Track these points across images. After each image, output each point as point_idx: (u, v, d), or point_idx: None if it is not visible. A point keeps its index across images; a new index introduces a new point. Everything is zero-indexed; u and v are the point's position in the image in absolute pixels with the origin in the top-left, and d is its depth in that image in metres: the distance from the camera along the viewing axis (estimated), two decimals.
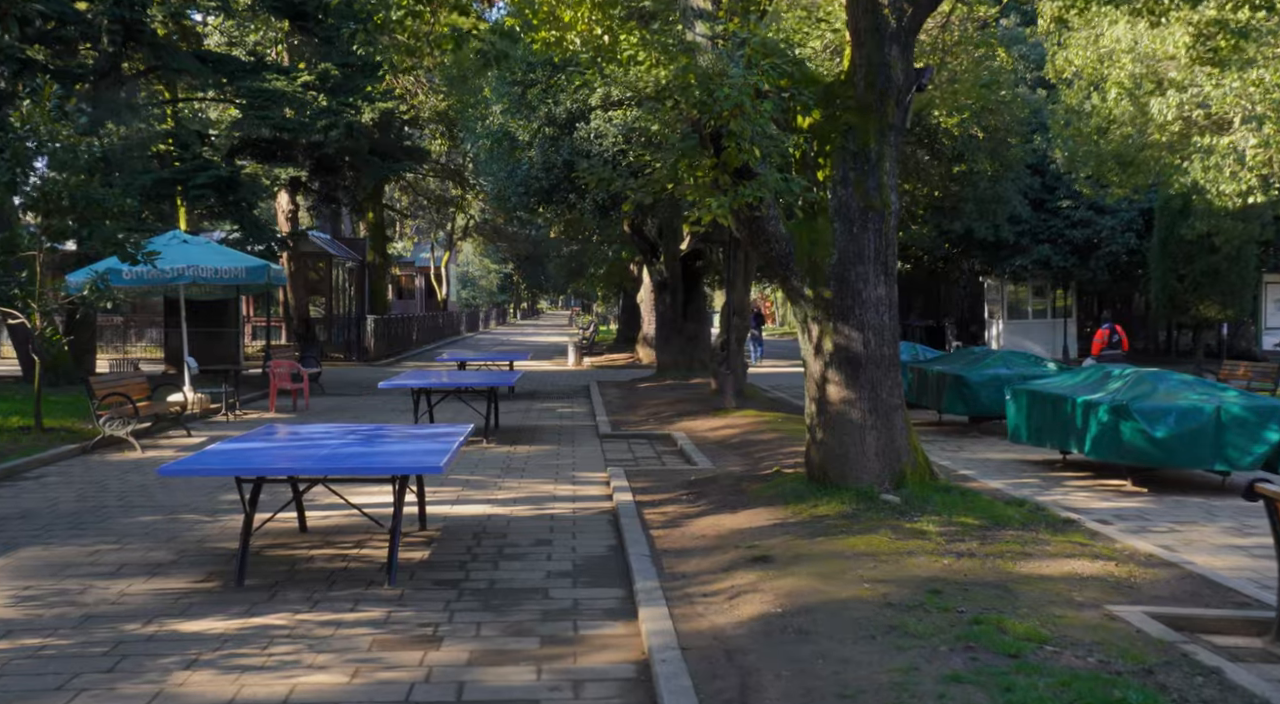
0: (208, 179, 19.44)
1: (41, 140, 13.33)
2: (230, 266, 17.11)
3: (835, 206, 9.00)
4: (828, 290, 8.99)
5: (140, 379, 14.66)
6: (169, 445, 13.93)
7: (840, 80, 9.17)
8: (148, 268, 15.45)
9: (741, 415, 15.82)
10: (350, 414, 17.95)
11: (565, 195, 15.09)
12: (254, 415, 17.63)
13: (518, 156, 15.34)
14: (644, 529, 8.54)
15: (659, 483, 10.78)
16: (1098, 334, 21.34)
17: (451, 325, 55.74)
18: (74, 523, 9.06)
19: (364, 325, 32.74)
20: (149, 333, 32.35)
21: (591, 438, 15.10)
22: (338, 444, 7.81)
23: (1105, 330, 21.09)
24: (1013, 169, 16.67)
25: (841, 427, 8.95)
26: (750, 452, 12.72)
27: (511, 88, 15.25)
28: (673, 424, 15.77)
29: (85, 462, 12.49)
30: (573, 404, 20.05)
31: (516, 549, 8.18)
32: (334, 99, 21.42)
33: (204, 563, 7.67)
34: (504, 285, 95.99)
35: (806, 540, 7.60)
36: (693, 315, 23.40)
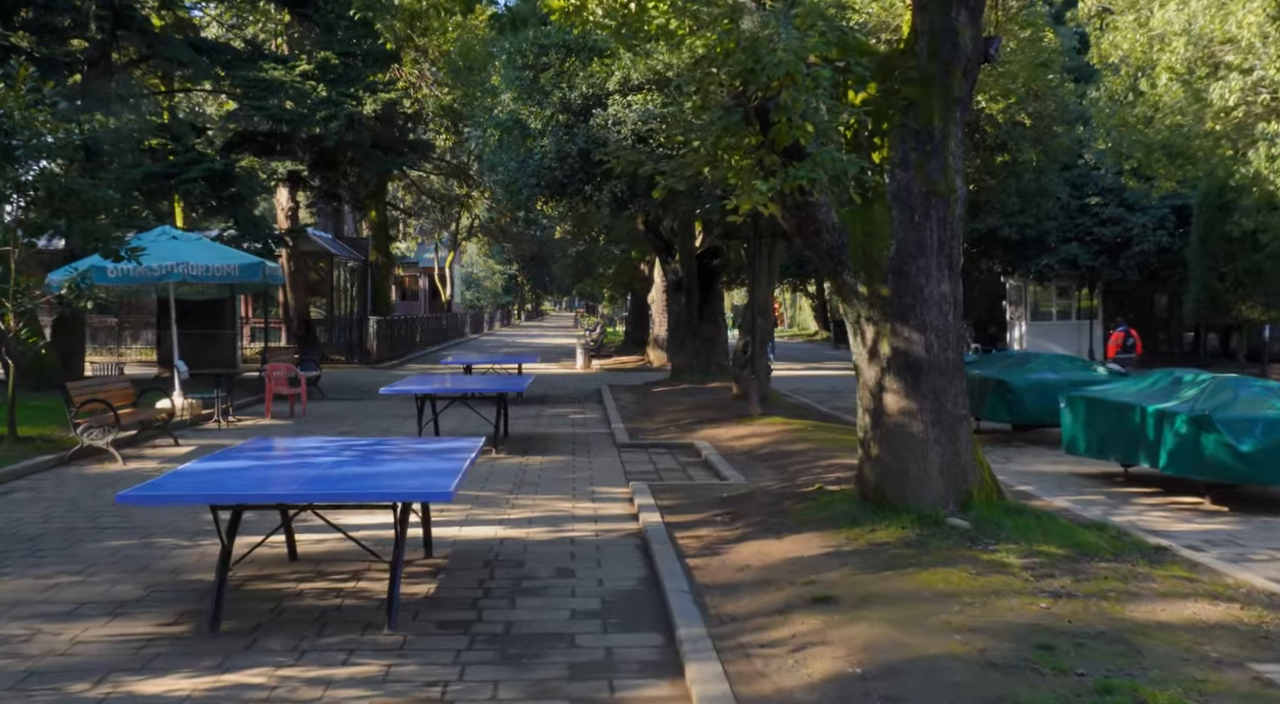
0: (200, 172, 18.44)
1: (15, 126, 12.32)
2: (222, 264, 16.11)
3: (894, 192, 7.98)
4: (884, 287, 7.97)
5: (124, 384, 13.65)
6: (154, 456, 12.92)
7: (898, 50, 8.15)
8: (133, 265, 14.46)
9: (768, 423, 14.79)
10: (350, 421, 16.95)
11: (580, 187, 14.07)
12: (249, 422, 16.63)
13: (529, 146, 14.31)
14: (679, 557, 7.51)
15: (688, 500, 9.76)
16: (1113, 337, 20.39)
17: (456, 327, 54.76)
18: (34, 548, 8.05)
19: (366, 327, 31.74)
20: (144, 334, 31.38)
21: (608, 447, 14.08)
22: (331, 462, 6.79)
23: (1120, 333, 20.15)
24: (1057, 160, 15.64)
25: (900, 440, 7.92)
26: (783, 464, 11.69)
27: (522, 73, 14.23)
28: (694, 432, 14.74)
29: (60, 475, 11.49)
30: (585, 409, 19.03)
31: (535, 582, 7.15)
32: (334, 89, 20.41)
33: (175, 600, 6.65)
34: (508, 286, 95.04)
35: (871, 575, 6.57)
36: (709, 316, 22.36)
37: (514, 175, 14.70)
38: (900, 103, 7.94)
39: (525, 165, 14.33)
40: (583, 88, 13.39)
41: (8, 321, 12.80)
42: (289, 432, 15.53)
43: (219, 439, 14.49)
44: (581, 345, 32.33)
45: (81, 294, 13.00)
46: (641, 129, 12.89)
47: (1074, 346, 30.48)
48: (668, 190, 8.71)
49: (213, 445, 13.73)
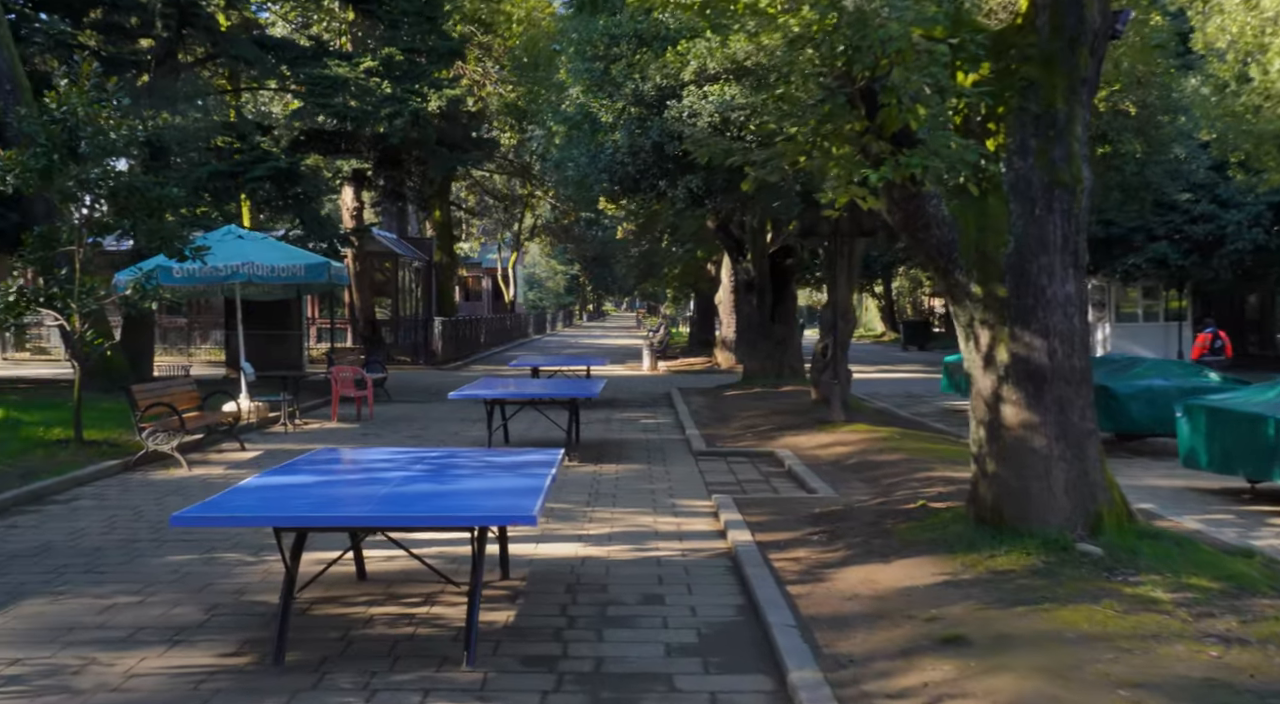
0: (265, 171, 18.18)
1: (79, 123, 12.05)
2: (288, 264, 15.78)
3: (1011, 182, 7.25)
4: (1001, 287, 7.25)
5: (189, 387, 13.34)
6: (219, 461, 12.58)
7: (1015, 26, 7.41)
8: (199, 265, 14.16)
9: (851, 430, 14.06)
10: (417, 424, 16.54)
11: (654, 182, 13.46)
12: (315, 425, 16.30)
13: (600, 140, 13.75)
14: (778, 584, 6.87)
15: (778, 516, 9.11)
16: (1199, 338, 19.38)
17: (519, 327, 54.55)
18: (94, 563, 7.64)
19: (431, 327, 31.48)
20: (212, 335, 31.48)
21: (684, 455, 13.47)
22: (402, 478, 6.25)
23: (1208, 335, 19.12)
24: (1162, 151, 14.70)
25: (1021, 457, 7.20)
26: (875, 476, 10.98)
27: (592, 64, 13.67)
28: (774, 440, 14.07)
29: (124, 481, 11.16)
30: (656, 414, 18.44)
31: (622, 609, 6.56)
32: (399, 86, 20.05)
33: (238, 625, 6.17)
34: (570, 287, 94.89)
35: (1001, 610, 5.87)
36: (782, 317, 21.64)
37: (584, 171, 14.14)
38: (1018, 84, 7.22)
39: (596, 160, 13.76)
40: (656, 79, 12.80)
41: (73, 323, 12.54)
42: (355, 435, 15.15)
43: (285, 444, 14.15)
44: (647, 347, 31.74)
45: (146, 295, 12.69)
46: (718, 121, 12.26)
47: (1161, 349, 29.21)
48: (758, 183, 8.06)
49: (278, 450, 13.38)
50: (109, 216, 12.84)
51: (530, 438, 14.59)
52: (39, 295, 12.66)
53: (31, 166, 12.03)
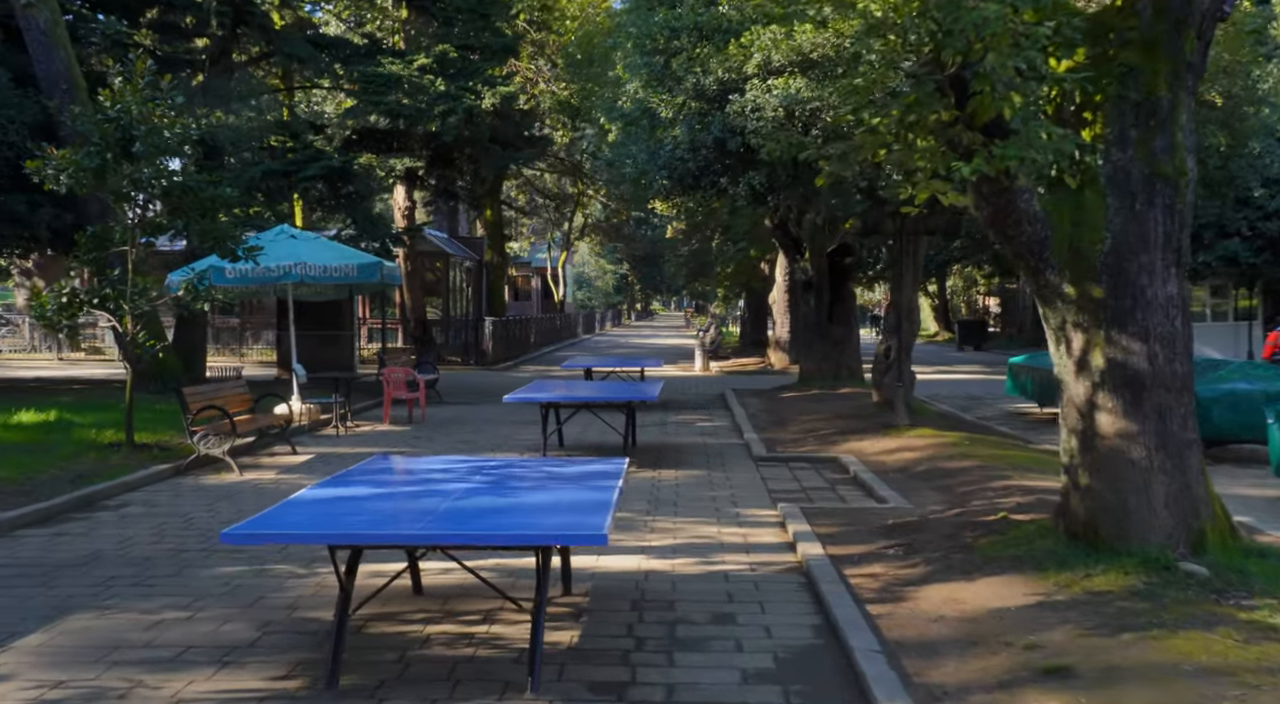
0: (318, 170, 18.05)
1: (133, 121, 11.91)
2: (340, 264, 15.59)
3: (1109, 175, 6.77)
4: (1097, 287, 6.77)
5: (241, 389, 13.17)
6: (271, 465, 12.39)
7: (1113, 8, 6.92)
8: (251, 266, 14.01)
9: (917, 435, 13.57)
10: (469, 427, 16.28)
11: (715, 179, 13.05)
12: (366, 428, 16.10)
13: (659, 136, 13.37)
14: (856, 602, 6.46)
15: (848, 527, 8.68)
16: (1269, 338, 18.59)
17: (569, 327, 54.36)
18: (143, 574, 7.41)
19: (482, 328, 31.31)
20: (264, 335, 31.58)
21: (744, 460, 13.06)
22: (461, 490, 5.92)
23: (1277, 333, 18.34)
24: (1247, 143, 14.02)
25: (1117, 468, 6.72)
26: (947, 484, 10.50)
27: (651, 58, 13.30)
28: (837, 444, 13.61)
29: (175, 486, 10.99)
30: (711, 416, 18.04)
31: (692, 629, 6.18)
32: (452, 84, 19.83)
33: (290, 645, 5.87)
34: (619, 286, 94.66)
35: (1106, 637, 5.42)
36: (840, 318, 21.13)
37: (643, 167, 13.77)
38: (1117, 70, 6.73)
39: (655, 157, 13.38)
40: (718, 73, 12.39)
41: (125, 324, 12.42)
42: (407, 438, 14.92)
43: (336, 447, 13.96)
44: (699, 347, 31.31)
45: (198, 296, 12.54)
46: (782, 115, 11.83)
47: (1230, 349, 28.27)
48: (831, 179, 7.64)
49: (330, 454, 13.18)
50: (162, 216, 12.70)
51: (586, 442, 14.28)
52: (92, 296, 12.55)
53: (85, 166, 11.91)
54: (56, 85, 17.69)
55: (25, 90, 17.76)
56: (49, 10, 17.60)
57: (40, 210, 18.14)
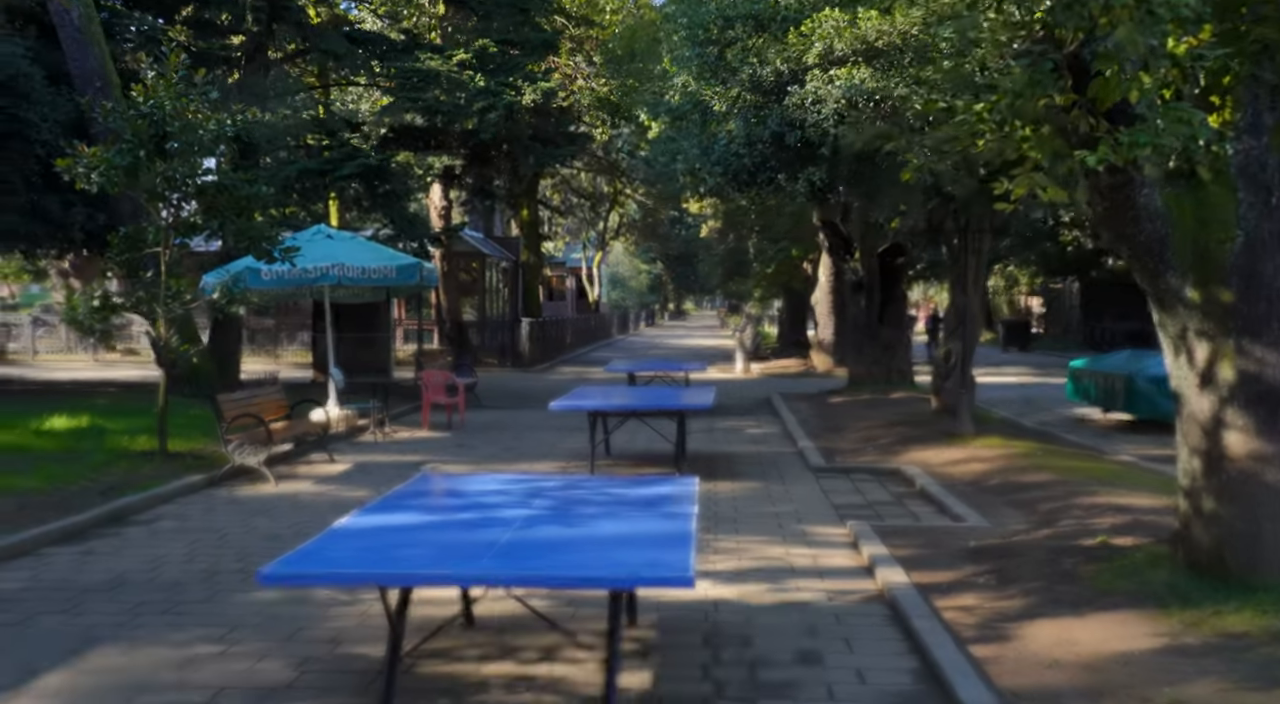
0: (355, 168, 17.56)
1: (167, 117, 11.44)
2: (379, 265, 15.07)
3: (1240, 166, 6.08)
4: (1226, 291, 6.07)
5: (277, 395, 12.68)
6: (308, 475, 11.87)
7: None
8: (287, 267, 13.51)
9: (984, 444, 12.85)
10: (511, 433, 15.72)
11: (771, 175, 12.39)
12: (405, 434, 15.58)
13: (712, 131, 12.74)
14: (956, 643, 5.80)
15: (927, 550, 8.02)
16: None
17: (603, 328, 53.83)
18: (173, 600, 6.88)
19: (519, 329, 30.79)
20: (299, 336, 31.22)
21: (802, 471, 12.41)
22: (522, 519, 5.30)
23: None
24: None
25: (1250, 493, 6.02)
26: (1026, 501, 9.79)
27: (703, 49, 12.68)
28: (898, 454, 12.92)
29: (210, 498, 10.48)
30: (760, 422, 17.39)
31: (775, 671, 5.56)
32: (492, 80, 19.30)
33: (333, 685, 5.30)
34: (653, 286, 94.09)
35: (1262, 694, 4.74)
36: (891, 319, 20.40)
37: (695, 163, 13.13)
38: (1249, 48, 6.03)
39: (708, 152, 12.74)
40: (776, 63, 11.74)
41: (159, 328, 11.95)
42: (448, 445, 14.38)
43: (375, 454, 13.44)
44: (739, 348, 30.63)
45: (233, 298, 12.05)
46: (844, 107, 11.17)
47: None
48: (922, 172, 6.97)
49: (369, 463, 12.65)
50: (196, 216, 12.23)
51: (633, 450, 13.68)
52: (125, 299, 12.10)
53: (117, 164, 11.45)
54: (90, 83, 17.30)
55: (58, 88, 17.40)
56: (83, 6, 17.23)
57: (73, 211, 17.78)
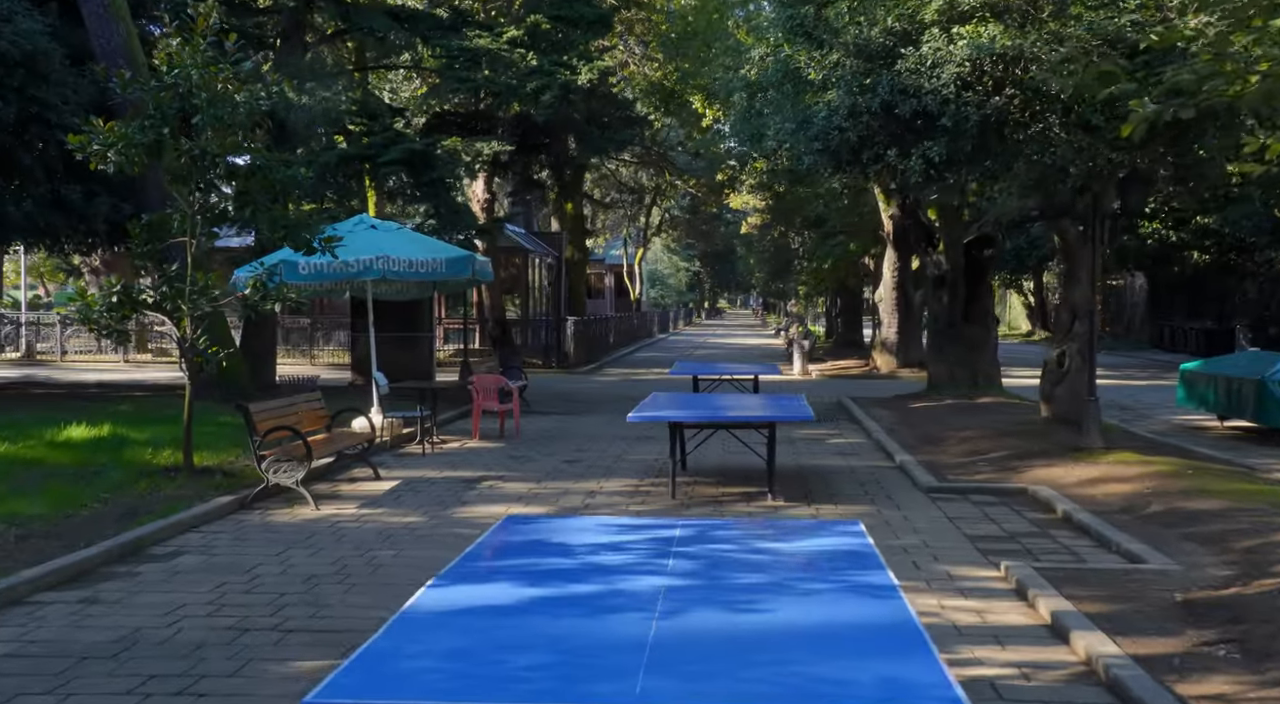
0: (400, 153, 16.16)
1: (193, 88, 10.08)
2: (427, 258, 13.65)
3: None
4: None
5: (315, 403, 11.28)
6: (351, 495, 10.46)
7: None
8: (328, 260, 12.14)
9: (1117, 460, 11.24)
10: (572, 443, 14.27)
11: (880, 151, 10.80)
12: (454, 444, 14.17)
13: (808, 102, 11.19)
14: None
15: (1121, 603, 6.46)
16: None
17: (645, 327, 52.41)
18: (191, 671, 5.44)
19: (564, 328, 29.37)
20: (335, 335, 29.98)
21: (910, 491, 10.87)
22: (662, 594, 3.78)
23: None
24: None
25: None
26: (1207, 534, 8.18)
27: (796, 9, 11.14)
28: (1018, 471, 11.33)
29: (239, 525, 9.08)
30: (840, 430, 15.85)
31: None
32: (545, 59, 17.85)
33: None
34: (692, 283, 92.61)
35: None
36: (976, 317, 18.77)
37: (789, 138, 11.55)
38: None
39: (805, 127, 11.18)
40: (886, 22, 10.20)
41: (184, 328, 10.59)
42: (503, 457, 12.95)
43: (424, 469, 12.02)
44: (796, 348, 29.02)
45: (268, 295, 10.66)
46: (967, 72, 9.61)
47: None
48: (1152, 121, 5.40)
49: (418, 479, 11.25)
50: (226, 202, 10.86)
51: (710, 464, 12.18)
52: (148, 295, 10.75)
53: (138, 141, 10.09)
54: (115, 63, 15.97)
55: (81, 69, 16.14)
56: None
57: (97, 200, 16.53)
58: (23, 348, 30.62)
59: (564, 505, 10.03)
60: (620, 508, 9.93)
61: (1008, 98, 9.62)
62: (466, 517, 9.47)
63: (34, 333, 31.13)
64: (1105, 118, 9.10)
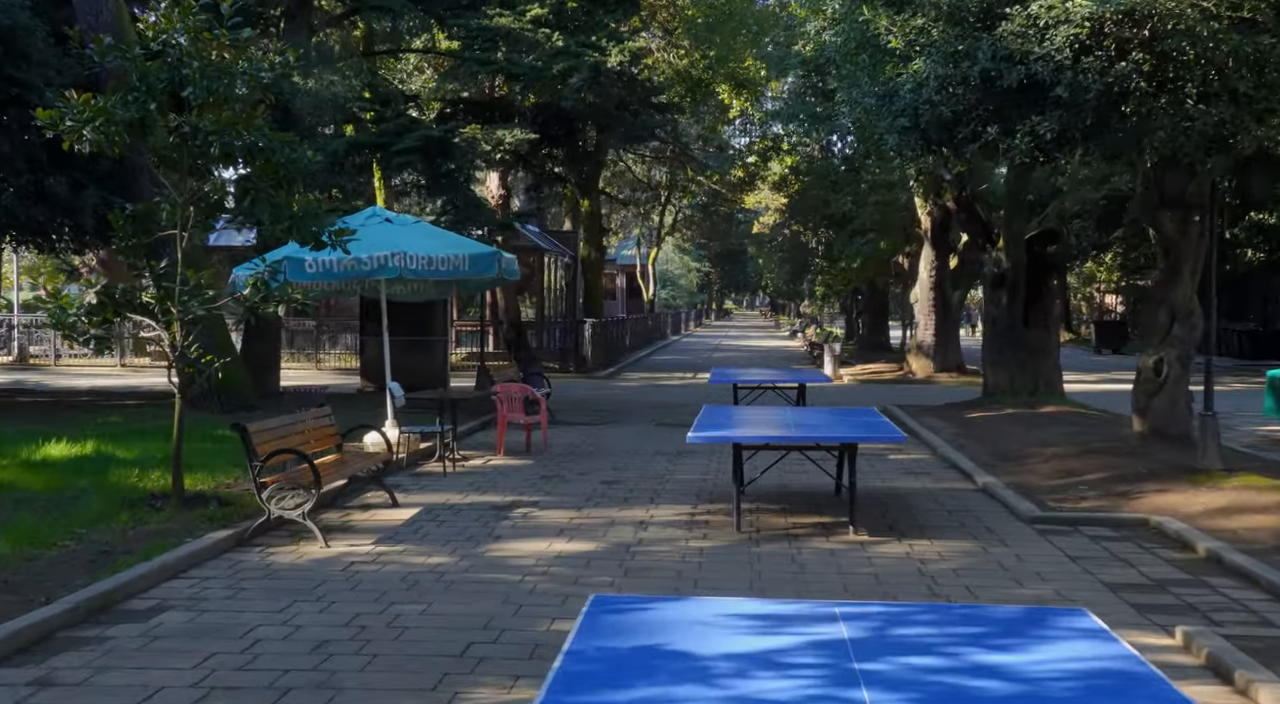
0: (416, 141, 14.75)
1: (184, 56, 8.68)
2: (449, 254, 12.21)
3: None
4: None
5: (324, 420, 9.84)
6: (365, 527, 9.04)
7: None
8: (338, 256, 10.73)
9: (1245, 485, 9.82)
10: (608, 460, 12.85)
11: (978, 128, 9.32)
12: (477, 461, 12.75)
13: (891, 75, 9.74)
14: None
15: None
16: None
17: (658, 329, 51.04)
18: None
19: (581, 331, 27.95)
20: (342, 338, 28.60)
21: (1008, 521, 9.43)
22: None
23: None
24: None
25: None
26: None
27: None
28: (1129, 497, 9.87)
29: (236, 568, 7.65)
30: (902, 445, 14.38)
31: None
32: (572, 40, 16.43)
33: None
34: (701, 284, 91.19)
35: None
36: (1037, 320, 17.34)
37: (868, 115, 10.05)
38: None
39: (890, 101, 9.70)
40: None
41: (173, 334, 9.18)
42: (533, 478, 11.53)
43: (446, 492, 10.61)
44: (827, 352, 27.60)
45: (270, 296, 9.25)
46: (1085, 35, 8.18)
47: None
48: None
49: (440, 506, 9.82)
50: (218, 191, 9.45)
51: (769, 485, 10.74)
52: (131, 297, 9.33)
53: (119, 117, 8.68)
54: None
55: (66, 48, 14.74)
56: None
57: (84, 193, 15.15)
58: (15, 352, 29.27)
59: (613, 540, 8.62)
60: (680, 543, 8.51)
61: (1134, 63, 8.21)
62: (501, 555, 8.06)
63: (27, 336, 29.77)
64: (1254, 84, 7.73)
